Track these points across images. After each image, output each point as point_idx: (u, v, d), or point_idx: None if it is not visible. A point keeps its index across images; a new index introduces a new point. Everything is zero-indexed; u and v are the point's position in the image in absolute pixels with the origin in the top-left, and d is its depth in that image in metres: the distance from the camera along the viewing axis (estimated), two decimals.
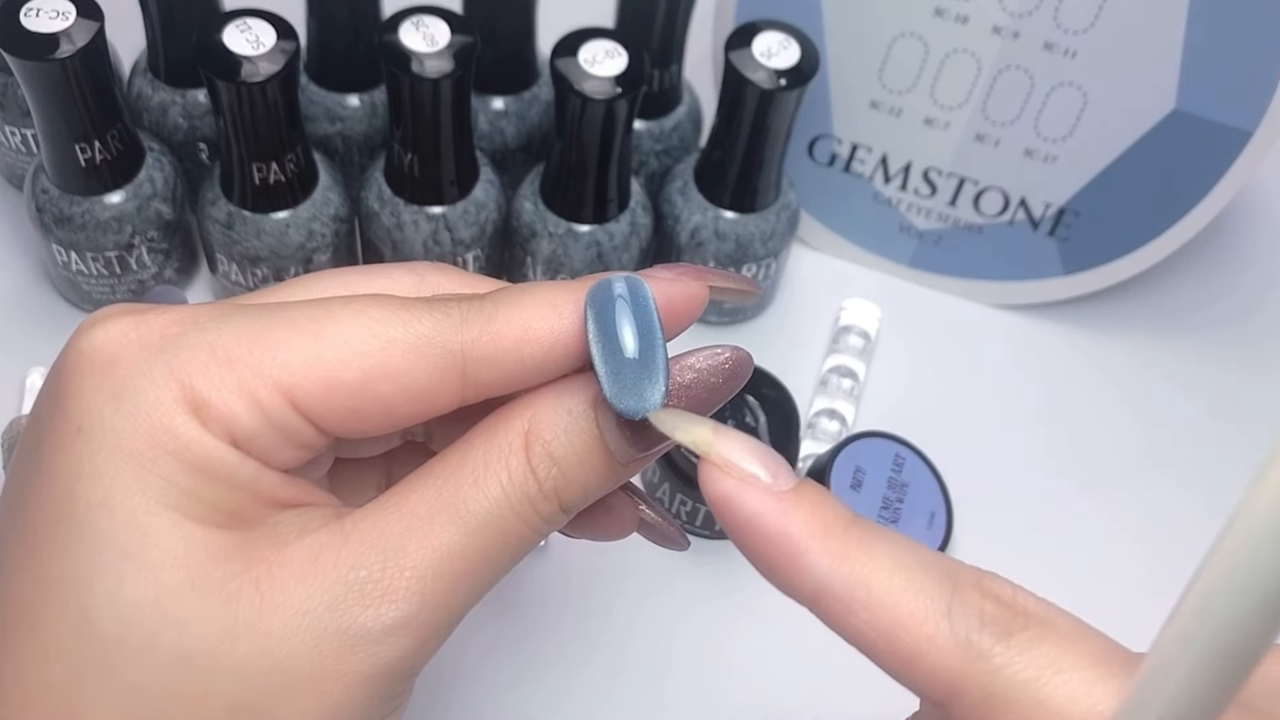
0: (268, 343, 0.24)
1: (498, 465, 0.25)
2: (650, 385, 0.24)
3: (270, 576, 0.24)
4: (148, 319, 0.24)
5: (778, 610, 0.46)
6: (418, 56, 0.42)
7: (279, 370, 0.23)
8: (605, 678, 0.44)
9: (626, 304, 0.25)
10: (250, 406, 0.23)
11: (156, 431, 0.23)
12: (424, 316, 0.24)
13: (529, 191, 0.49)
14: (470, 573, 0.25)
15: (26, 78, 0.41)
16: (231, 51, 0.41)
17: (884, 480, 0.46)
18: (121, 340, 0.24)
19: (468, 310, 0.25)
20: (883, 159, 0.53)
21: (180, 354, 0.23)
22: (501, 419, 0.26)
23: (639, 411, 0.24)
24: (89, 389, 0.23)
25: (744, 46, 0.45)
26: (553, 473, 0.25)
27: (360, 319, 0.24)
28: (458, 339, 0.24)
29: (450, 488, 0.25)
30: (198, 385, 0.23)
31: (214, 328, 0.24)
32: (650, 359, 0.24)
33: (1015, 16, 0.47)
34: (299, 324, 0.24)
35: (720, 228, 0.49)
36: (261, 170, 0.44)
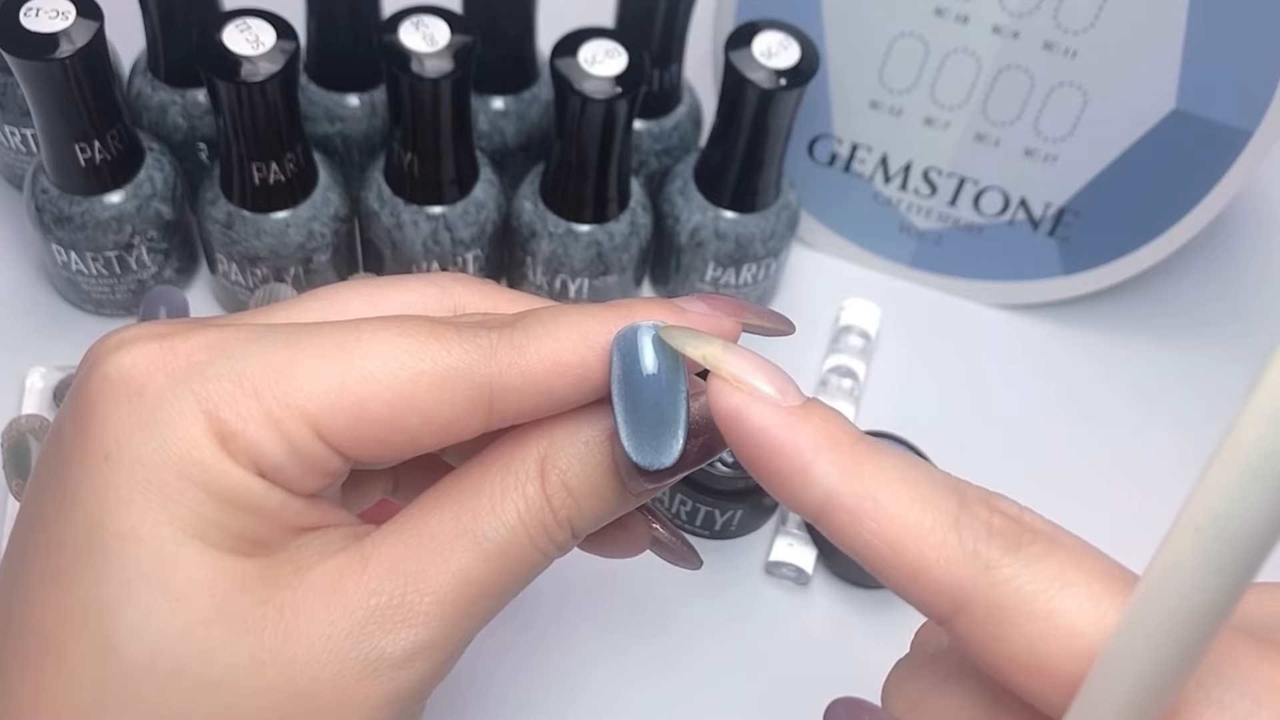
0: (295, 373, 0.24)
1: (514, 493, 0.25)
2: (669, 440, 0.24)
3: (294, 603, 0.24)
4: (175, 345, 0.24)
5: (777, 609, 0.46)
6: (417, 56, 0.42)
7: (306, 401, 0.23)
8: (604, 675, 0.44)
9: (652, 357, 0.24)
10: (277, 438, 0.23)
11: (185, 463, 0.23)
12: (453, 347, 0.24)
13: (529, 191, 0.49)
14: (485, 596, 0.25)
15: (26, 77, 0.41)
16: (231, 51, 0.41)
17: None
18: (148, 367, 0.24)
19: (498, 340, 0.25)
20: (883, 159, 0.53)
21: (208, 383, 0.23)
22: (518, 445, 0.26)
23: (655, 465, 0.24)
24: (116, 416, 0.23)
25: (744, 46, 0.45)
26: (567, 502, 0.25)
27: (389, 349, 0.24)
28: (486, 371, 0.24)
29: (468, 513, 0.25)
30: (225, 416, 0.23)
31: (241, 355, 0.24)
32: (672, 416, 0.24)
33: (1015, 16, 0.47)
34: (326, 353, 0.24)
35: (720, 227, 0.49)
36: (261, 170, 0.44)
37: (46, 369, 0.47)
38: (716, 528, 0.47)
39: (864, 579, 0.47)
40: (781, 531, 0.47)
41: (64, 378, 0.47)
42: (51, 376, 0.47)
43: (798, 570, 0.46)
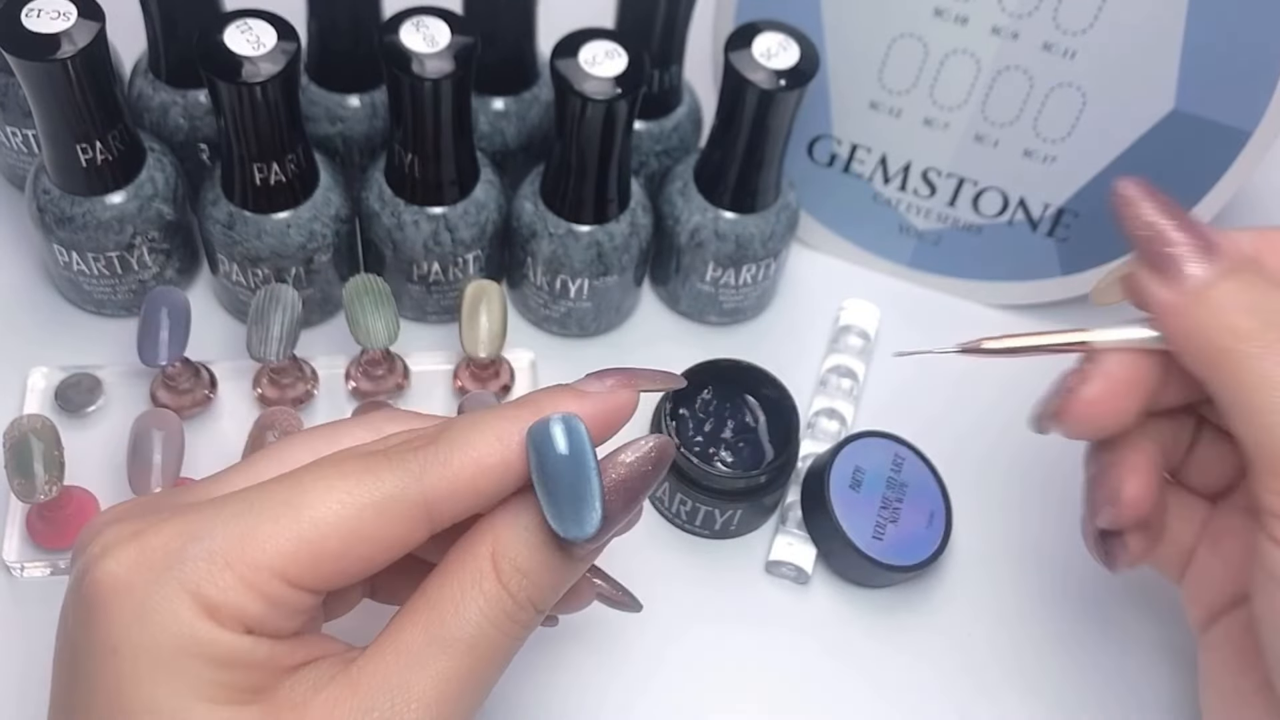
0: (257, 538, 0.27)
1: (473, 591, 0.28)
2: (588, 513, 0.28)
3: None
4: (149, 542, 0.27)
5: (777, 607, 0.46)
6: (418, 57, 0.42)
7: (271, 560, 0.27)
8: (604, 674, 0.44)
9: (563, 444, 0.28)
10: (255, 597, 0.27)
11: (182, 640, 0.27)
12: (385, 476, 0.28)
13: (529, 192, 0.49)
14: (468, 690, 0.29)
15: (28, 78, 0.41)
16: (232, 52, 0.41)
17: (883, 480, 0.46)
18: (131, 566, 0.27)
19: (425, 460, 0.28)
20: (882, 159, 0.53)
21: (185, 568, 0.27)
22: (468, 548, 0.29)
23: (580, 537, 0.28)
24: (113, 614, 0.27)
25: (744, 47, 0.45)
26: (524, 584, 0.29)
27: (331, 493, 0.28)
28: (419, 489, 0.28)
29: (435, 622, 0.28)
30: (207, 592, 0.27)
31: (208, 535, 0.27)
32: (586, 493, 0.28)
33: (1015, 17, 0.47)
34: (279, 513, 0.28)
35: (720, 228, 0.49)
36: (262, 171, 0.44)
37: (48, 369, 0.48)
38: (716, 527, 0.47)
39: (864, 578, 0.47)
40: (781, 530, 0.47)
41: (66, 378, 0.47)
42: (53, 376, 0.47)
43: (797, 569, 0.46)
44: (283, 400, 0.48)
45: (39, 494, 0.40)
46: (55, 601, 0.43)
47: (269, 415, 0.43)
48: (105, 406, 0.47)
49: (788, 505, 0.48)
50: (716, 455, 0.45)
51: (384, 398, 0.48)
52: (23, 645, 0.42)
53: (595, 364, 0.52)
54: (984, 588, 0.48)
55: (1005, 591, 0.48)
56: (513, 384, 0.50)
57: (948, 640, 0.46)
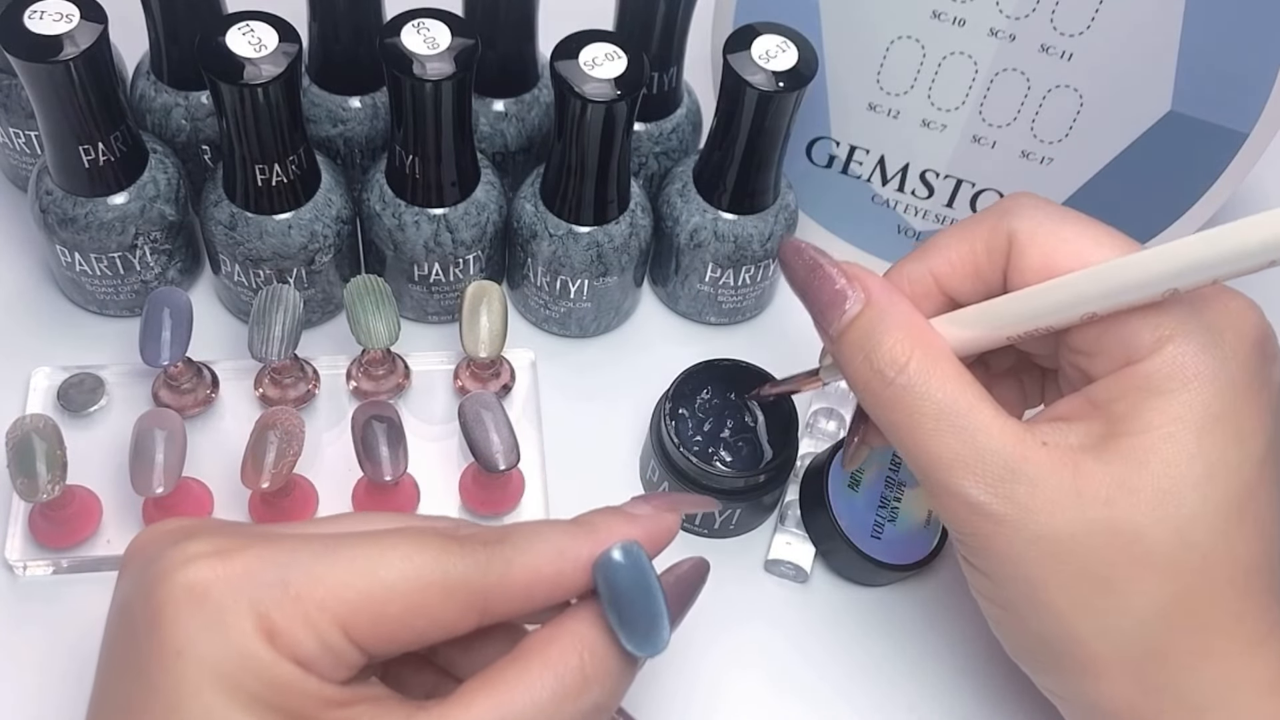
0: (329, 583, 0.29)
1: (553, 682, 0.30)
2: (661, 630, 0.30)
3: None
4: (234, 560, 0.29)
5: (776, 606, 0.47)
6: (419, 59, 0.42)
7: (337, 606, 0.29)
8: None
9: (629, 573, 0.31)
10: (312, 635, 0.29)
11: (243, 656, 0.28)
12: (457, 561, 0.30)
13: (529, 193, 0.49)
14: None
15: (30, 80, 0.41)
16: (234, 54, 0.41)
17: (881, 479, 0.46)
18: (213, 579, 0.29)
19: (492, 556, 0.30)
20: (880, 160, 0.53)
21: (259, 591, 0.29)
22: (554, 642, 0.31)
23: (654, 653, 0.30)
24: (185, 619, 0.28)
25: (743, 49, 0.45)
26: (607, 685, 0.31)
27: (406, 564, 0.30)
28: (481, 582, 0.30)
29: (509, 701, 0.30)
30: (273, 617, 0.28)
31: (286, 564, 0.29)
32: (657, 613, 0.30)
33: (1012, 19, 0.47)
34: (356, 565, 0.29)
35: (719, 229, 0.50)
36: (264, 172, 0.45)
37: (50, 369, 0.48)
38: (716, 526, 0.47)
39: (862, 577, 0.47)
40: (780, 529, 0.47)
41: (68, 378, 0.47)
42: (55, 376, 0.48)
43: (796, 568, 0.46)
44: (284, 400, 0.48)
45: (41, 493, 0.40)
46: (58, 600, 0.43)
47: (270, 415, 0.43)
48: (107, 406, 0.47)
49: (787, 504, 0.48)
50: (716, 455, 0.45)
51: (385, 398, 0.49)
52: (25, 644, 0.42)
53: (595, 364, 0.52)
54: None
55: None
56: (513, 384, 0.50)
57: (946, 639, 0.46)
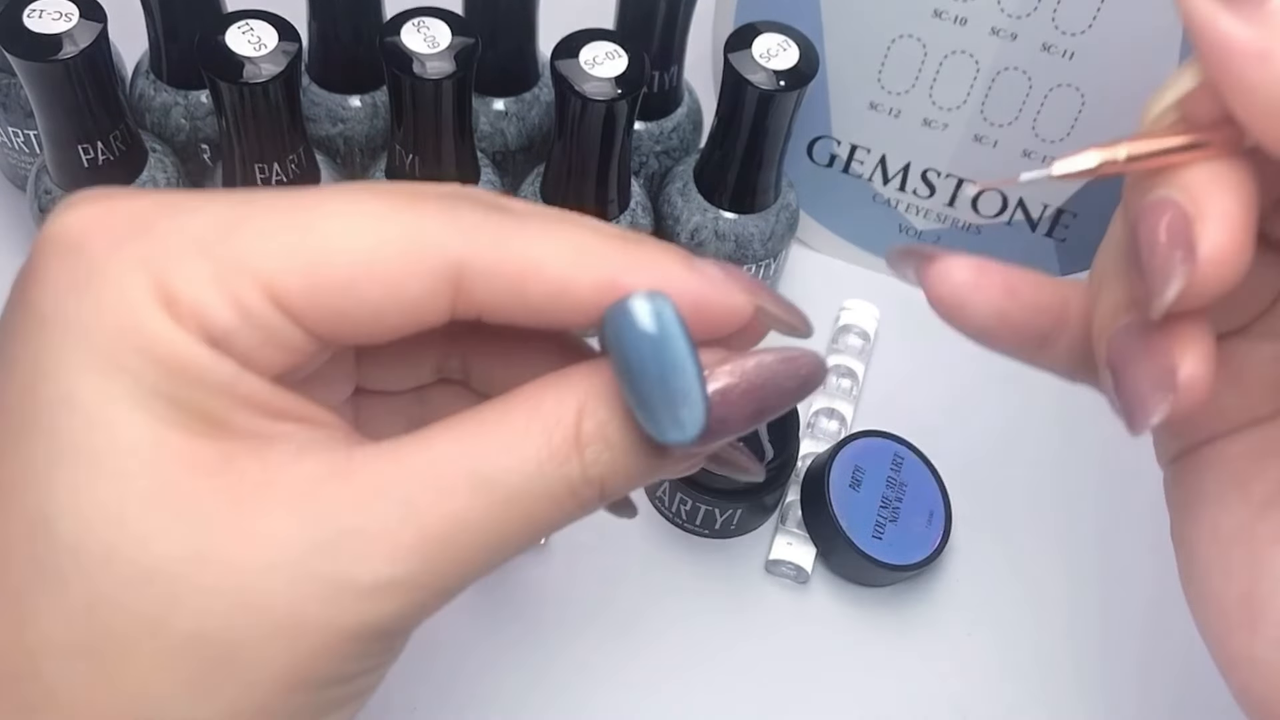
0: (248, 232, 0.21)
1: (539, 437, 0.22)
2: (688, 412, 0.22)
3: (255, 501, 0.21)
4: (120, 203, 0.22)
5: (777, 607, 0.47)
6: (419, 58, 0.42)
7: (259, 261, 0.21)
8: (603, 674, 0.44)
9: (647, 341, 0.22)
10: (226, 301, 0.21)
11: (124, 325, 0.21)
12: (427, 217, 0.22)
13: (529, 192, 0.49)
14: (483, 546, 0.22)
15: (30, 78, 0.41)
16: (234, 52, 0.41)
17: (883, 479, 0.46)
18: (90, 224, 0.22)
19: (482, 221, 0.22)
20: (881, 160, 0.53)
21: (153, 242, 0.21)
22: (551, 386, 0.23)
23: (683, 442, 0.22)
24: (53, 277, 0.21)
25: (743, 48, 0.45)
26: (603, 458, 0.23)
27: (354, 209, 0.22)
28: (460, 246, 0.22)
29: (480, 449, 0.22)
30: (170, 276, 0.21)
31: (191, 213, 0.22)
32: (682, 386, 0.22)
33: (1013, 18, 0.47)
34: (283, 213, 0.22)
35: (720, 228, 0.49)
36: (264, 171, 0.44)
37: None
38: (716, 527, 0.47)
39: (863, 577, 0.47)
40: (781, 530, 0.47)
41: None
42: None
43: (797, 568, 0.46)
44: None
45: None
46: None
47: None
48: None
49: (787, 505, 0.48)
50: None
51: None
52: None
53: None
54: (983, 587, 0.48)
55: (1005, 590, 0.48)
56: None
57: (948, 639, 0.46)
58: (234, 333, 0.21)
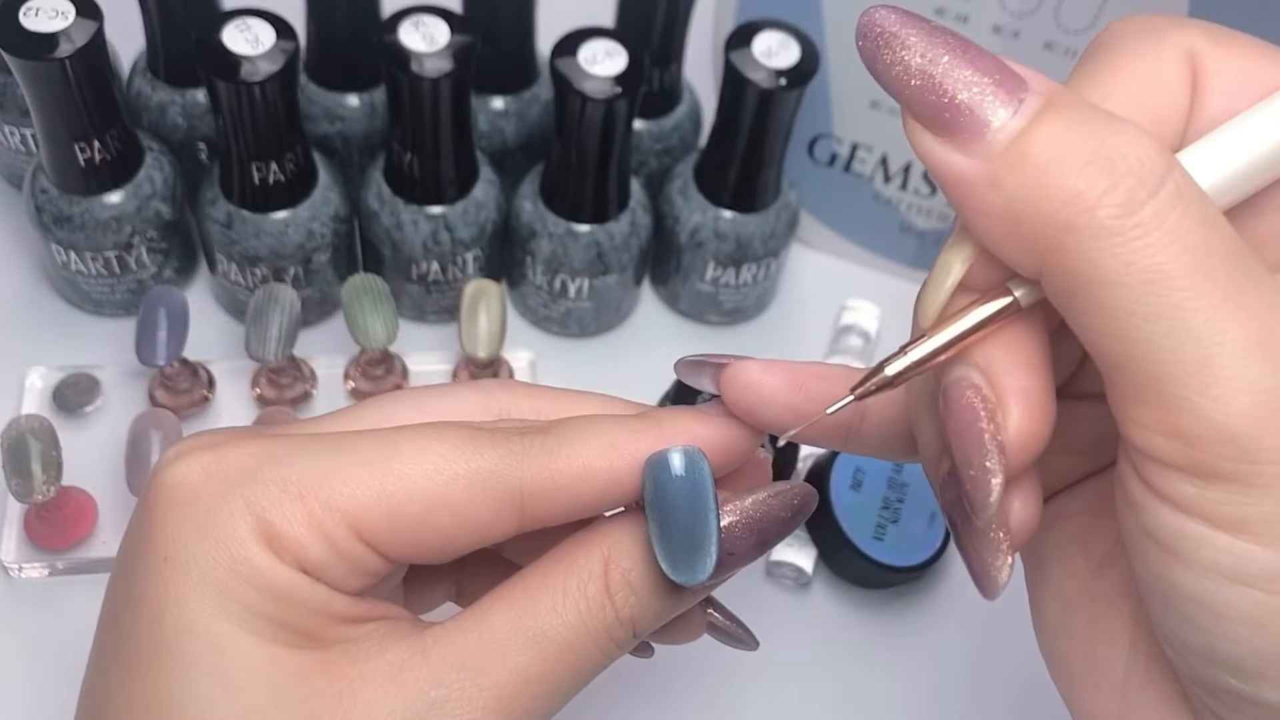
0: (337, 479, 0.25)
1: (576, 592, 0.26)
2: (701, 559, 0.25)
3: (352, 693, 0.25)
4: (227, 454, 0.26)
5: (778, 609, 0.46)
6: (417, 56, 0.42)
7: (346, 504, 0.25)
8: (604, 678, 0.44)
9: (683, 482, 0.25)
10: (319, 539, 0.25)
11: (235, 561, 0.24)
12: (486, 452, 0.26)
13: (529, 191, 0.49)
14: (544, 695, 0.26)
15: (26, 77, 0.41)
16: (231, 51, 0.41)
17: (884, 480, 0.46)
18: (202, 475, 0.25)
19: (530, 446, 0.26)
20: (883, 159, 0.53)
21: (256, 488, 0.25)
22: (580, 546, 0.27)
23: (691, 582, 0.25)
24: (172, 521, 0.25)
25: (744, 46, 0.45)
26: (630, 601, 0.26)
27: (425, 454, 0.25)
28: (517, 475, 0.26)
29: (529, 612, 0.26)
30: (272, 518, 0.25)
31: (287, 462, 0.25)
32: (703, 536, 0.25)
33: (1015, 16, 0.47)
34: (366, 459, 0.25)
35: (720, 227, 0.49)
36: (261, 170, 0.44)
37: (46, 369, 0.47)
38: None
39: (865, 579, 0.47)
40: None
41: (64, 378, 0.47)
42: (51, 377, 0.47)
43: (798, 570, 0.46)
44: (281, 400, 0.47)
45: (36, 494, 0.40)
46: (53, 602, 0.43)
47: (267, 415, 0.43)
48: (103, 407, 0.47)
49: None
50: None
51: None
52: (21, 645, 0.42)
53: (595, 364, 0.52)
54: None
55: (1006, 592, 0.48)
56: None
57: (949, 641, 0.46)
58: (326, 565, 0.25)
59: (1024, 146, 0.21)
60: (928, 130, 0.22)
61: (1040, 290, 0.22)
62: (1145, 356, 0.20)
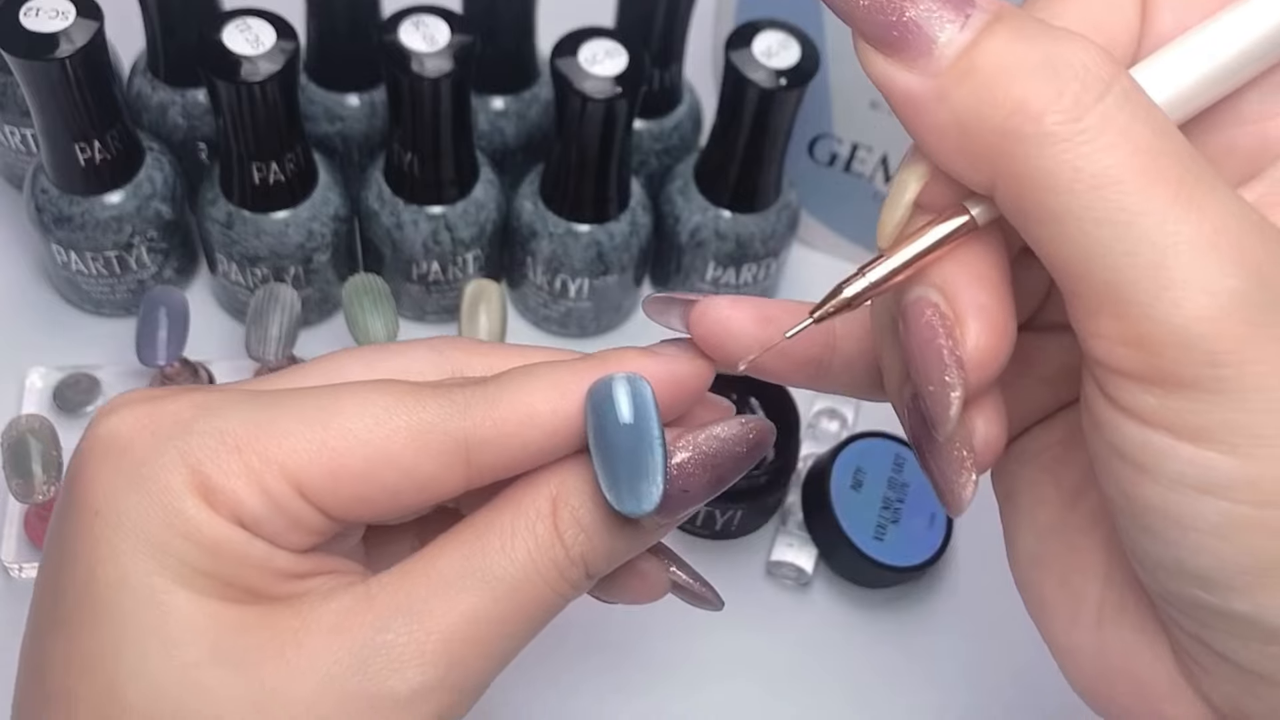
0: (275, 431, 0.24)
1: (525, 531, 0.25)
2: (647, 487, 0.24)
3: (296, 644, 0.24)
4: (162, 405, 0.25)
5: (778, 609, 0.46)
6: (417, 56, 0.42)
7: (285, 457, 0.24)
8: (604, 677, 0.44)
9: (626, 406, 0.25)
10: (256, 492, 0.24)
11: (169, 514, 0.24)
12: (428, 403, 0.25)
13: (529, 191, 0.49)
14: (497, 637, 0.25)
15: (26, 77, 0.41)
16: (231, 51, 0.41)
17: (884, 480, 0.46)
18: (136, 427, 0.25)
19: (471, 395, 0.25)
20: (883, 159, 0.53)
21: (191, 440, 0.24)
22: (528, 485, 0.26)
23: (636, 513, 0.24)
24: (105, 475, 0.24)
25: (744, 46, 0.45)
26: (580, 539, 0.26)
27: (366, 407, 0.25)
28: (460, 425, 0.25)
29: (477, 553, 0.25)
30: (207, 471, 0.24)
31: (224, 414, 0.25)
32: (646, 465, 0.24)
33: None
34: (307, 412, 0.25)
35: (720, 227, 0.49)
36: (261, 170, 0.44)
37: (46, 369, 0.47)
38: (717, 528, 0.47)
39: (865, 579, 0.46)
40: (782, 532, 0.47)
41: (64, 378, 0.47)
42: (51, 376, 0.47)
43: (798, 570, 0.46)
44: None
45: (37, 494, 0.40)
46: None
47: None
48: None
49: (788, 506, 0.48)
50: None
51: None
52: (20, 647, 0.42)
53: None
54: (985, 588, 0.48)
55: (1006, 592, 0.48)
56: None
57: (949, 641, 0.46)
58: (264, 520, 0.24)
59: (970, 59, 0.21)
60: (878, 51, 0.22)
61: (996, 208, 0.22)
62: (1100, 264, 0.20)
